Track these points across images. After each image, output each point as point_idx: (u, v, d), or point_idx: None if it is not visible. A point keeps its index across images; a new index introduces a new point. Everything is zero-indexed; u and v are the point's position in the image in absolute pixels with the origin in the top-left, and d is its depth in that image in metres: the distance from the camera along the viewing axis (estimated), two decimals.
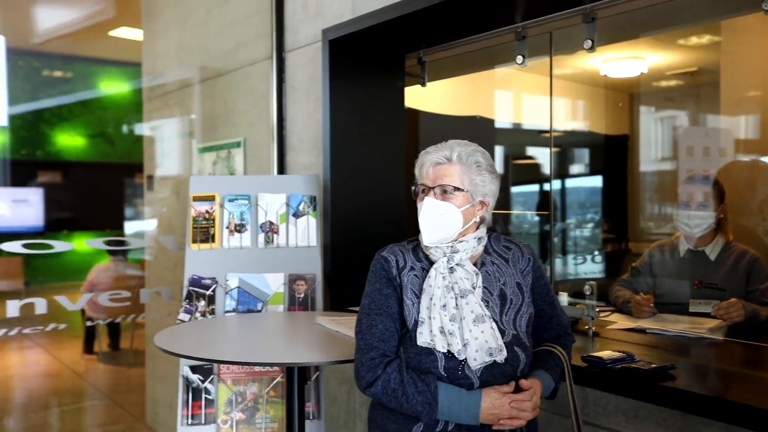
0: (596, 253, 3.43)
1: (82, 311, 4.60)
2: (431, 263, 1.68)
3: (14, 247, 3.09)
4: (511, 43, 2.47)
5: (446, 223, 1.62)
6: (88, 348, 5.56)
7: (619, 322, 2.36)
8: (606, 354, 1.93)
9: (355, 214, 2.74)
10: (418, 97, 3.07)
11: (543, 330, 1.76)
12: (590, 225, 3.47)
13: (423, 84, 2.88)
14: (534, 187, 3.51)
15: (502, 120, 3.48)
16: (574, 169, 3.53)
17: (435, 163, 1.65)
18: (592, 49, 2.27)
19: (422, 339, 1.59)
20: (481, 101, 3.29)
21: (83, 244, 3.43)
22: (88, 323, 4.98)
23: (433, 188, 1.62)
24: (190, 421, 2.57)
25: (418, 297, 1.65)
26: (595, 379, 1.86)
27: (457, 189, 1.61)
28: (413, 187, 1.70)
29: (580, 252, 3.39)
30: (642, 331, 2.24)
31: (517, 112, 3.45)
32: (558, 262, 3.30)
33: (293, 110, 2.98)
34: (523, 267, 1.73)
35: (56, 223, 4.24)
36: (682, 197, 2.41)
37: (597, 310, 2.37)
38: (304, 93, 2.90)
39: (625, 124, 3.28)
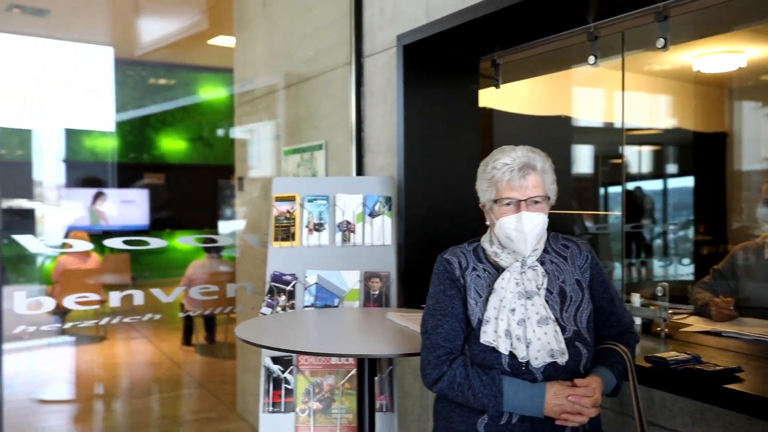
0: (689, 255, 3.32)
1: (181, 305, 4.87)
2: (493, 264, 1.73)
3: (115, 243, 3.29)
4: (584, 43, 2.44)
5: (542, 231, 1.66)
6: (187, 340, 5.80)
7: (695, 324, 2.30)
8: (671, 355, 1.91)
9: (428, 214, 2.76)
10: (497, 96, 3.04)
11: (603, 327, 1.75)
12: (683, 226, 3.37)
13: (497, 86, 2.87)
14: (619, 188, 3.43)
15: (589, 119, 3.43)
16: (667, 169, 3.42)
17: (522, 175, 1.67)
18: (665, 47, 2.22)
19: (485, 338, 1.64)
20: (562, 100, 3.26)
21: (179, 241, 3.58)
22: (181, 314, 5.23)
23: (525, 201, 1.66)
24: (271, 408, 2.66)
25: (482, 296, 1.69)
26: (659, 380, 1.84)
27: (545, 198, 1.64)
28: (490, 200, 1.71)
29: (673, 254, 3.30)
30: (718, 334, 2.17)
31: (606, 110, 3.39)
32: (655, 263, 3.24)
33: (371, 114, 3.02)
34: (581, 264, 1.75)
35: (159, 222, 4.44)
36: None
37: (671, 312, 2.32)
38: (381, 97, 2.94)
39: (723, 121, 3.16)
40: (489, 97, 2.98)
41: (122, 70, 5.52)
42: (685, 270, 3.25)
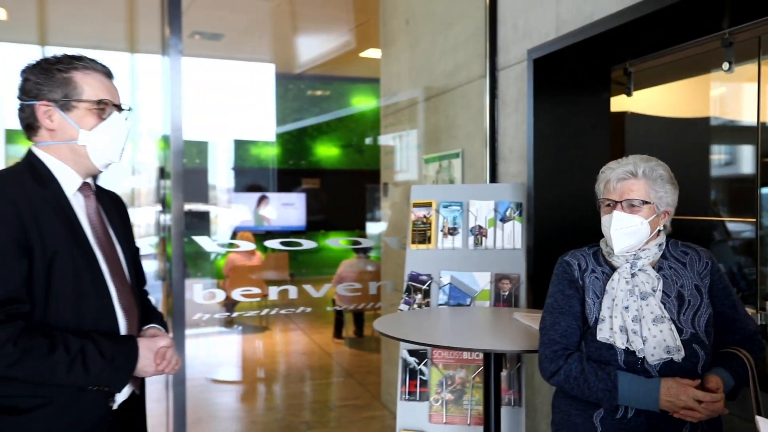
0: None
1: (333, 301, 5.09)
2: (611, 267, 1.80)
3: (274, 244, 3.56)
4: (718, 49, 2.38)
5: (635, 234, 1.70)
6: (338, 333, 5.97)
7: None
8: None
9: (557, 220, 2.78)
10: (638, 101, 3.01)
11: (725, 333, 1.76)
12: None
13: (629, 94, 2.82)
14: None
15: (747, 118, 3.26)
16: None
17: (620, 178, 1.75)
18: None
19: (602, 335, 1.72)
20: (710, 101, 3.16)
21: (327, 243, 3.76)
22: (330, 309, 5.45)
23: (620, 202, 1.74)
24: (407, 397, 2.78)
25: (599, 297, 1.77)
26: None
27: (644, 202, 1.71)
28: (597, 201, 1.81)
29: None
30: None
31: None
32: None
33: (504, 124, 3.07)
34: (700, 270, 1.77)
35: (314, 224, 4.59)
36: None
37: None
38: (513, 107, 2.98)
39: None
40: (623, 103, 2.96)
41: (283, 84, 5.85)
42: None
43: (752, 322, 1.81)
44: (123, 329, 1.61)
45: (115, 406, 1.59)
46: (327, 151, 6.51)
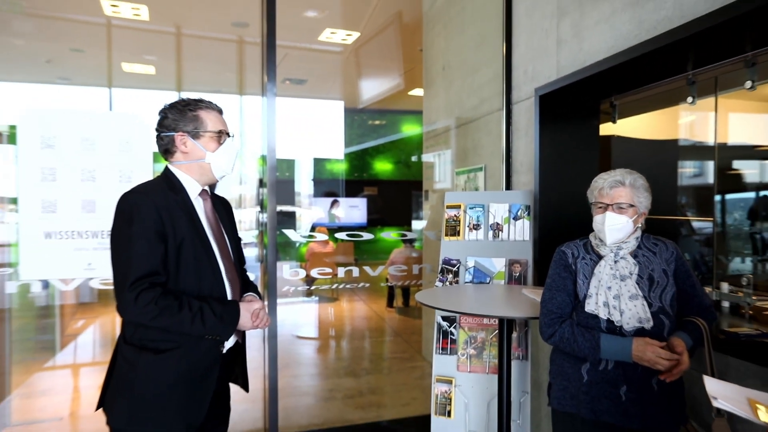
0: None
1: (386, 279, 5.14)
2: (598, 255, 1.80)
3: (342, 236, 3.61)
4: (684, 87, 2.33)
5: (622, 229, 1.72)
6: (389, 303, 5.99)
7: None
8: (743, 330, 1.84)
9: (556, 218, 2.75)
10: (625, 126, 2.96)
11: (687, 307, 1.74)
12: None
13: (614, 121, 2.78)
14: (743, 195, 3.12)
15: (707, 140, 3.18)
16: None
17: (611, 186, 1.76)
18: (752, 88, 2.11)
19: (589, 307, 1.73)
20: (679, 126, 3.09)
21: (382, 235, 3.85)
22: (383, 285, 5.51)
23: (611, 205, 1.73)
24: (441, 351, 2.81)
25: (588, 278, 1.78)
26: (732, 349, 1.80)
27: (629, 206, 1.71)
28: (590, 204, 1.82)
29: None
30: None
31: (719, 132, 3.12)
32: (748, 259, 2.98)
33: (517, 145, 3.06)
34: (667, 257, 1.76)
35: (373, 221, 4.57)
36: None
37: (754, 298, 2.19)
38: (524, 132, 2.98)
39: None
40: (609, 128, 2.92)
41: (350, 116, 5.90)
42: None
43: (708, 298, 1.79)
44: (229, 295, 1.67)
45: (224, 351, 1.66)
46: (383, 166, 6.53)
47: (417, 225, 4.60)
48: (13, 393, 3.51)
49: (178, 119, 1.66)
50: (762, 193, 2.84)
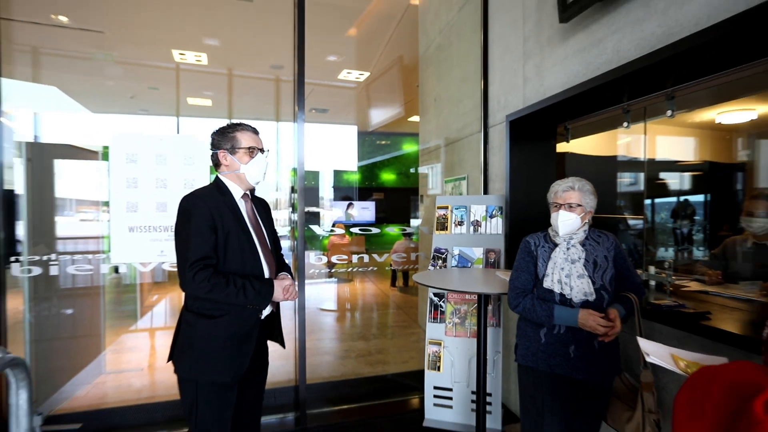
0: (701, 244, 2.98)
1: (390, 264, 5.11)
2: (554, 243, 1.81)
3: (356, 230, 3.63)
4: (620, 114, 2.35)
5: (572, 224, 1.74)
6: (393, 283, 6.06)
7: (692, 285, 2.16)
8: (665, 302, 1.86)
9: (522, 216, 2.77)
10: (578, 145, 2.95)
11: (622, 285, 1.77)
12: (698, 226, 3.02)
13: (568, 141, 2.79)
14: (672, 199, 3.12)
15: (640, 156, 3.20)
16: (692, 187, 3.11)
17: (564, 190, 1.77)
18: (672, 116, 2.11)
19: (546, 284, 1.74)
20: (618, 145, 3.08)
21: (388, 230, 3.87)
22: (388, 268, 5.49)
23: (563, 205, 1.75)
24: (432, 320, 2.81)
25: (546, 262, 1.80)
26: (656, 316, 1.82)
27: (578, 205, 1.73)
28: (549, 203, 1.84)
29: (690, 242, 3.00)
30: (706, 292, 2.04)
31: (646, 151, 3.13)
32: (671, 249, 2.98)
33: (492, 159, 3.07)
34: (608, 246, 1.78)
35: (380, 219, 4.54)
36: (749, 208, 2.08)
37: (672, 278, 2.20)
38: (497, 150, 2.99)
39: (733, 155, 2.82)
40: (564, 147, 2.93)
41: (361, 137, 5.88)
42: (697, 254, 2.95)
43: (638, 277, 1.81)
44: (266, 274, 1.70)
45: (262, 317, 1.69)
46: (388, 177, 6.50)
47: (414, 222, 4.60)
48: (106, 349, 3.58)
49: (220, 139, 1.69)
50: (681, 198, 2.85)
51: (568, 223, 1.73)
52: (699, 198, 2.90)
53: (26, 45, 3.67)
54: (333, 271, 3.84)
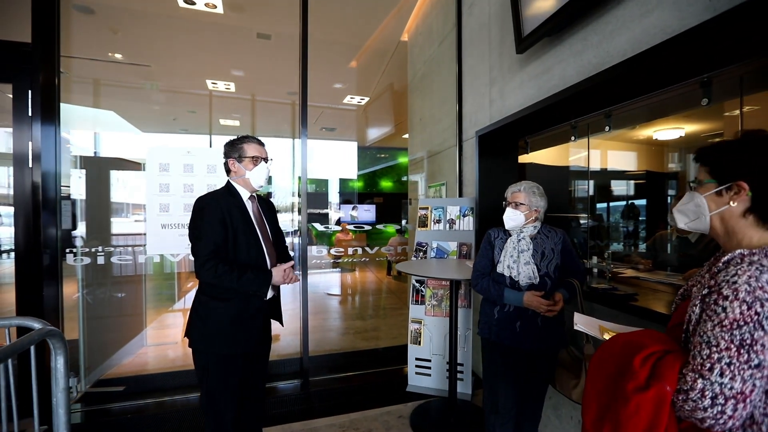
0: (638, 239, 2.94)
1: (386, 256, 5.12)
2: (509, 236, 1.82)
3: (351, 227, 3.68)
4: (569, 130, 2.35)
5: (516, 219, 1.73)
6: (388, 272, 5.99)
7: (627, 272, 2.14)
8: (602, 286, 1.85)
9: (489, 216, 2.75)
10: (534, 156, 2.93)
11: (568, 272, 1.77)
12: (637, 224, 2.98)
13: (527, 153, 2.77)
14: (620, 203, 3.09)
15: (589, 166, 3.19)
16: (632, 192, 3.08)
17: (512, 192, 1.77)
18: (610, 131, 2.11)
19: (500, 269, 1.74)
20: (570, 157, 3.06)
21: (384, 228, 3.91)
22: (383, 259, 5.46)
23: (511, 203, 1.75)
24: (414, 302, 2.82)
25: (501, 251, 1.79)
26: (594, 298, 1.81)
27: (522, 204, 1.72)
28: (504, 202, 1.84)
29: (631, 237, 2.97)
30: (638, 278, 2.02)
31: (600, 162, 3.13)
32: (614, 244, 2.95)
33: (465, 168, 3.06)
34: (556, 240, 1.78)
35: (380, 219, 4.59)
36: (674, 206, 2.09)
37: (611, 266, 2.19)
38: (470, 160, 2.98)
39: (665, 166, 2.81)
40: (525, 158, 2.93)
41: (362, 151, 5.91)
42: (640, 247, 2.92)
43: (582, 266, 1.80)
44: (268, 264, 1.68)
45: (266, 299, 1.69)
46: (385, 184, 6.49)
47: (405, 222, 4.59)
48: (148, 326, 3.61)
49: (230, 150, 1.71)
50: (627, 202, 2.84)
51: (511, 218, 1.73)
52: (639, 201, 2.89)
53: (88, 77, 3.75)
54: (339, 261, 3.85)
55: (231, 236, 1.59)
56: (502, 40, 2.51)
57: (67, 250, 2.49)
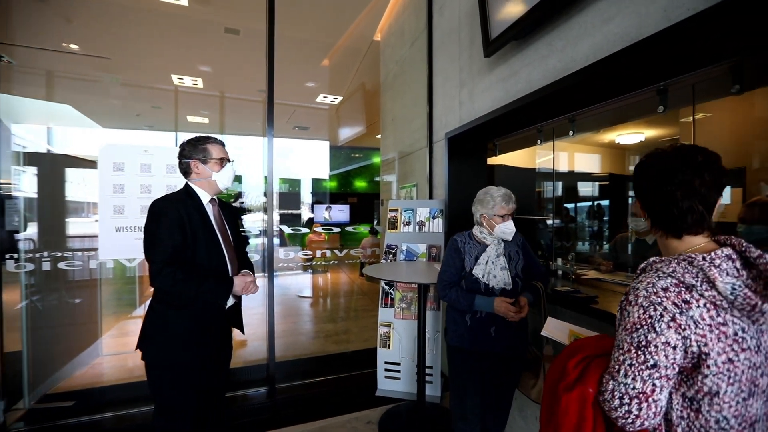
0: (602, 239, 3.02)
1: (359, 257, 5.08)
2: (478, 242, 1.78)
3: (331, 230, 3.60)
4: (535, 134, 2.38)
5: (513, 229, 1.73)
6: (360, 273, 5.75)
7: (590, 273, 2.17)
8: (564, 289, 1.87)
9: (458, 217, 2.75)
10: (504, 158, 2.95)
11: (530, 275, 1.77)
12: (599, 224, 3.07)
13: (496, 155, 2.79)
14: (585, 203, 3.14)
15: (555, 168, 3.25)
16: (596, 193, 3.15)
17: (508, 203, 1.71)
18: (573, 135, 2.14)
19: (476, 274, 1.71)
20: (536, 159, 3.11)
21: (356, 229, 3.83)
22: (358, 261, 5.43)
23: (507, 215, 1.70)
24: (384, 305, 2.77)
25: (473, 257, 1.75)
26: (558, 300, 1.82)
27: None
28: (492, 214, 1.73)
29: (595, 238, 3.05)
30: (599, 279, 2.06)
31: (565, 164, 3.19)
32: (579, 243, 3.02)
33: (435, 170, 3.06)
34: (518, 242, 1.78)
35: (353, 219, 4.54)
36: (633, 210, 2.15)
37: (574, 268, 2.22)
38: (440, 162, 2.96)
39: (626, 168, 2.88)
40: (494, 160, 2.94)
41: (334, 150, 5.85)
42: (601, 248, 2.99)
43: (543, 268, 1.81)
44: (230, 270, 1.61)
45: (226, 307, 1.61)
46: (358, 183, 6.45)
47: (375, 222, 4.55)
48: (104, 335, 3.41)
49: (192, 151, 1.61)
50: (587, 203, 2.90)
51: (513, 230, 1.71)
52: (602, 203, 2.96)
53: (39, 68, 3.51)
54: (310, 264, 3.77)
55: (190, 241, 1.50)
56: (472, 42, 2.51)
57: (8, 256, 2.29)
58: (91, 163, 2.88)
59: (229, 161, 1.65)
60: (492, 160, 2.90)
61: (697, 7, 1.21)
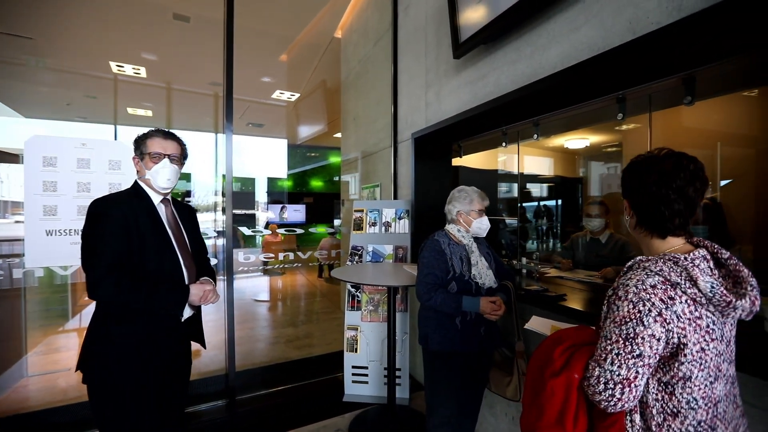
0: (557, 238, 3.19)
1: (317, 258, 4.97)
2: (458, 242, 1.74)
3: (288, 230, 3.46)
4: (499, 136, 2.43)
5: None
6: (320, 275, 5.90)
7: (552, 272, 2.25)
8: (533, 287, 1.91)
9: (424, 218, 2.75)
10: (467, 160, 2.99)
11: (498, 274, 1.78)
12: (554, 225, 3.22)
13: (460, 156, 2.83)
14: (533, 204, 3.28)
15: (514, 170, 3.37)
16: (548, 195, 3.30)
17: (483, 198, 1.72)
18: (537, 139, 2.21)
19: (474, 275, 1.68)
20: (498, 161, 3.20)
21: (312, 231, 3.75)
22: (316, 263, 5.33)
23: (482, 210, 1.72)
24: (350, 308, 2.71)
25: (462, 259, 1.70)
26: (527, 299, 1.86)
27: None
28: (467, 209, 1.74)
29: (551, 238, 3.19)
30: (561, 277, 2.14)
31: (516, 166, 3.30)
32: (537, 243, 3.15)
33: (401, 170, 3.04)
34: (485, 243, 1.81)
35: (310, 220, 4.45)
36: (587, 211, 2.26)
37: (539, 267, 2.30)
38: (405, 162, 2.96)
39: (576, 171, 3.05)
40: (458, 161, 2.97)
41: (292, 149, 5.66)
42: (555, 247, 3.15)
43: (507, 268, 1.85)
44: (186, 278, 1.45)
45: (183, 319, 1.46)
46: (316, 183, 6.32)
47: (337, 222, 4.48)
48: (30, 352, 2.98)
49: (135, 147, 1.45)
50: (541, 203, 3.04)
51: (488, 225, 1.71)
52: (553, 203, 3.11)
53: None
54: (268, 267, 3.59)
55: (137, 246, 1.32)
56: (439, 43, 2.51)
57: None
58: (11, 157, 2.50)
59: (169, 157, 1.45)
60: (456, 161, 2.92)
61: (661, 21, 1.29)
